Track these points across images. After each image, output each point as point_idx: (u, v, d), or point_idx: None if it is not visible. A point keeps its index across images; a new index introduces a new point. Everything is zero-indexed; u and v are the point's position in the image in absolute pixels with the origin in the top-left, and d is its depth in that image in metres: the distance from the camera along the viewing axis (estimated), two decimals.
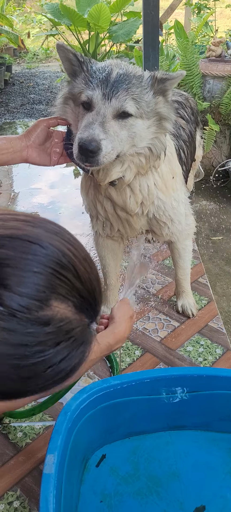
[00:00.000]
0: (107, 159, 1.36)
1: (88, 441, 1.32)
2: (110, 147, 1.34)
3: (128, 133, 1.40)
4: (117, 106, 1.37)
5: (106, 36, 7.40)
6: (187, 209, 1.84)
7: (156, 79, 1.43)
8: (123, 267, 2.32)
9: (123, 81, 1.39)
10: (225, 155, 4.08)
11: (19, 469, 1.40)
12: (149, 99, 1.43)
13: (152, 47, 3.20)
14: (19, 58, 11.07)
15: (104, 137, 1.33)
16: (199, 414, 1.40)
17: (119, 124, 1.38)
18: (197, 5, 6.42)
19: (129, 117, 1.39)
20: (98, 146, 1.31)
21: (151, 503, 1.24)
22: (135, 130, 1.41)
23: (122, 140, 1.40)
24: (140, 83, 1.42)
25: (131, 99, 1.38)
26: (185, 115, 1.96)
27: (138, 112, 1.40)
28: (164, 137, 1.49)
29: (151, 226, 1.75)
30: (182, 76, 1.45)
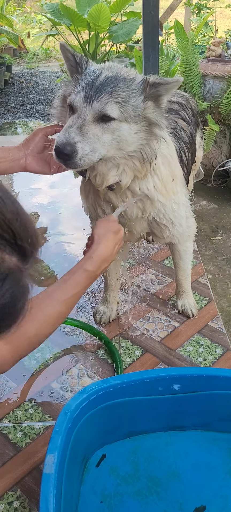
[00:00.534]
0: (86, 161, 1.36)
1: (88, 441, 1.32)
2: (88, 149, 1.34)
3: (111, 136, 1.38)
4: (97, 109, 1.36)
5: (106, 36, 7.41)
6: (187, 211, 1.83)
7: (147, 84, 1.40)
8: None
9: (108, 84, 1.38)
10: (225, 155, 4.09)
11: (19, 469, 1.40)
12: (137, 104, 1.40)
13: (152, 47, 3.19)
14: (19, 58, 11.08)
15: (80, 139, 1.33)
16: (199, 414, 1.40)
17: (101, 127, 1.37)
18: (197, 5, 6.42)
19: (111, 121, 1.37)
20: (73, 149, 1.32)
21: (151, 503, 1.24)
22: (120, 134, 1.39)
23: (105, 143, 1.38)
24: (127, 86, 1.40)
25: (113, 103, 1.37)
26: (186, 117, 1.96)
27: (122, 116, 1.38)
28: (154, 143, 1.45)
29: (152, 228, 1.75)
30: (179, 82, 1.41)
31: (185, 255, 1.93)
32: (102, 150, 1.39)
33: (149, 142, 1.44)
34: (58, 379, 1.71)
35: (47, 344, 1.87)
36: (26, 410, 1.58)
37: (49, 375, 1.73)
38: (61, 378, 1.71)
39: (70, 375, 1.72)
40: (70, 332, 1.94)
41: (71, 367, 1.76)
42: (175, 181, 1.69)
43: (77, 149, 1.32)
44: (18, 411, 1.58)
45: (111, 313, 2.00)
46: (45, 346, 1.86)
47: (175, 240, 1.84)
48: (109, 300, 2.00)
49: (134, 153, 1.44)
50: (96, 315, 2.00)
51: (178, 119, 1.88)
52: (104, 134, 1.38)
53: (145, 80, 1.41)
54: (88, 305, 2.11)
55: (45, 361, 1.79)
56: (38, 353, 1.82)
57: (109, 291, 1.99)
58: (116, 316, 2.01)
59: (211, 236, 3.11)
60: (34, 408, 1.59)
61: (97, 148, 1.37)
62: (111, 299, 2.01)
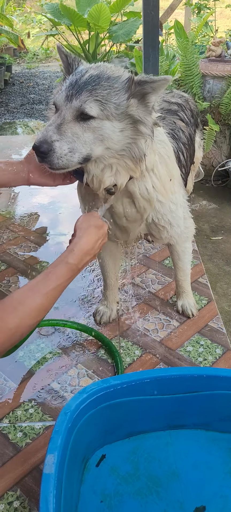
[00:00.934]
0: (64, 162, 1.34)
1: (88, 441, 1.32)
2: (66, 148, 1.33)
3: (93, 135, 1.37)
4: (76, 107, 1.35)
5: (106, 36, 7.41)
6: (185, 212, 1.83)
7: (132, 82, 1.38)
8: (122, 267, 2.32)
9: (90, 83, 1.37)
10: (225, 155, 4.08)
11: (19, 469, 1.40)
12: (119, 101, 1.38)
13: (152, 47, 3.20)
14: (19, 58, 11.08)
15: (58, 138, 1.32)
16: (199, 414, 1.40)
17: (81, 126, 1.36)
18: (197, 5, 6.42)
19: (91, 119, 1.35)
20: (49, 148, 1.31)
21: (151, 503, 1.24)
22: (102, 133, 1.37)
23: (86, 142, 1.36)
24: (110, 84, 1.39)
25: (93, 101, 1.35)
26: (185, 118, 1.95)
27: (103, 114, 1.36)
28: (142, 142, 1.43)
29: (150, 230, 1.75)
30: (166, 81, 1.37)
31: (183, 256, 1.93)
32: (84, 149, 1.37)
33: (136, 141, 1.41)
34: (58, 379, 1.71)
35: (47, 344, 1.87)
36: (26, 410, 1.58)
37: (49, 375, 1.73)
38: (61, 378, 1.71)
39: (70, 375, 1.72)
40: (70, 332, 1.94)
41: (71, 367, 1.76)
42: (173, 181, 1.69)
43: (54, 148, 1.32)
44: (18, 411, 1.58)
45: (112, 313, 2.00)
46: (45, 346, 1.86)
47: (173, 241, 1.84)
48: (109, 300, 2.00)
49: (124, 152, 1.42)
50: (97, 315, 2.00)
51: (177, 120, 1.88)
52: (85, 132, 1.36)
53: (130, 78, 1.39)
54: (89, 305, 2.11)
55: (45, 361, 1.79)
56: (38, 353, 1.83)
57: (109, 291, 1.99)
58: (116, 316, 2.01)
59: (211, 236, 3.11)
60: (34, 408, 1.59)
61: (78, 148, 1.35)
62: (111, 299, 2.01)
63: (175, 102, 1.95)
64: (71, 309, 2.08)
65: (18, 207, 3.14)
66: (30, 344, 1.87)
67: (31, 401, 1.62)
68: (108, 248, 1.88)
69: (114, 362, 1.76)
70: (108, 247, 1.88)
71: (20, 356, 1.82)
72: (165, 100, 1.92)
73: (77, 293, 2.18)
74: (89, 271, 2.36)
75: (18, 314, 1.23)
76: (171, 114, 1.87)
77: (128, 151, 1.42)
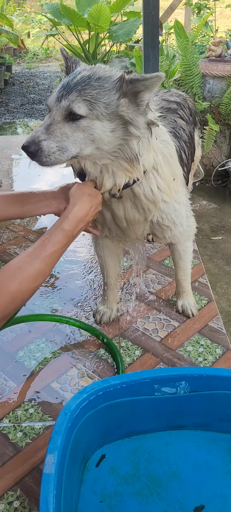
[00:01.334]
0: (52, 160, 1.37)
1: (88, 441, 1.32)
2: (54, 147, 1.35)
3: (83, 134, 1.38)
4: (64, 107, 1.36)
5: (106, 36, 7.40)
6: (187, 210, 1.83)
7: (123, 80, 1.38)
8: (122, 267, 2.32)
9: (80, 83, 1.38)
10: (225, 155, 4.08)
11: (19, 469, 1.40)
12: (109, 101, 1.38)
13: (152, 47, 3.20)
14: (19, 58, 11.08)
15: (46, 137, 1.35)
16: (199, 414, 1.40)
17: (70, 126, 1.37)
18: (197, 5, 6.42)
19: (80, 119, 1.36)
20: (37, 148, 1.35)
21: (151, 503, 1.24)
22: (92, 132, 1.38)
23: (76, 141, 1.38)
24: (101, 84, 1.39)
25: (81, 100, 1.36)
26: (185, 116, 1.95)
27: (92, 114, 1.37)
28: (134, 143, 1.42)
29: (153, 230, 1.75)
30: (159, 78, 1.36)
31: (184, 255, 1.93)
32: (74, 149, 1.38)
33: (128, 142, 1.41)
34: (58, 379, 1.71)
35: (47, 344, 1.87)
36: (26, 410, 1.58)
37: (49, 375, 1.73)
38: (61, 378, 1.71)
39: (70, 375, 1.72)
40: (70, 332, 1.94)
41: (71, 367, 1.76)
42: (176, 181, 1.69)
43: (42, 147, 1.35)
44: (18, 411, 1.58)
45: (112, 313, 2.00)
46: (45, 346, 1.86)
47: (175, 240, 1.84)
48: (109, 299, 2.00)
49: (117, 154, 1.42)
50: (97, 315, 2.00)
51: (177, 118, 1.88)
52: (75, 132, 1.37)
53: (121, 77, 1.38)
54: (88, 304, 2.11)
55: (45, 361, 1.79)
56: (38, 353, 1.83)
57: (109, 291, 1.99)
58: (116, 315, 2.01)
59: (211, 236, 3.11)
60: (34, 408, 1.59)
61: (67, 147, 1.37)
62: (111, 298, 2.01)
63: (173, 101, 1.95)
64: (72, 308, 2.08)
65: None
66: (30, 344, 1.87)
67: (31, 401, 1.62)
68: (109, 247, 1.88)
69: (115, 362, 1.76)
70: (109, 246, 1.88)
71: (20, 356, 1.82)
72: (164, 99, 1.92)
73: (76, 293, 2.18)
74: (89, 271, 2.36)
75: (18, 279, 1.27)
76: (171, 112, 1.87)
77: (120, 152, 1.42)
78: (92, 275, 2.32)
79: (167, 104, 1.90)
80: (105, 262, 1.92)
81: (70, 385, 1.68)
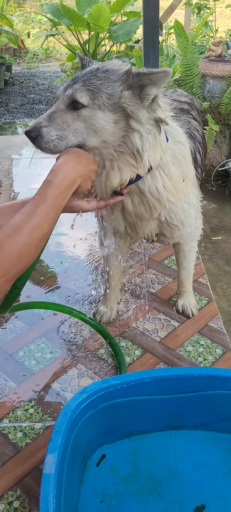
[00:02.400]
0: (51, 147, 1.40)
1: (88, 441, 1.32)
2: (54, 134, 1.39)
3: (84, 124, 1.39)
4: (68, 96, 1.39)
5: (106, 36, 7.41)
6: (197, 212, 1.83)
7: (130, 73, 1.38)
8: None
9: (87, 74, 1.41)
10: (225, 155, 4.08)
11: (19, 469, 1.40)
12: (112, 92, 1.38)
13: (152, 47, 3.20)
14: (19, 58, 11.08)
15: (47, 124, 1.39)
16: (199, 414, 1.40)
17: (71, 114, 1.39)
18: (197, 5, 6.42)
19: (82, 108, 1.38)
20: (37, 133, 1.39)
21: (151, 503, 1.24)
22: (94, 123, 1.39)
23: (77, 131, 1.40)
24: (107, 76, 1.40)
25: (84, 90, 1.38)
26: (196, 116, 1.95)
27: (94, 104, 1.38)
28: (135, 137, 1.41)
29: (162, 229, 1.75)
30: (166, 73, 1.35)
31: (189, 255, 1.93)
32: (74, 138, 1.40)
33: (129, 135, 1.41)
34: (58, 379, 1.71)
35: (47, 344, 1.87)
36: (26, 410, 1.58)
37: (49, 375, 1.73)
38: (61, 378, 1.71)
39: (70, 375, 1.72)
40: (70, 332, 1.94)
41: (71, 367, 1.76)
42: (186, 182, 1.68)
43: (41, 133, 1.39)
44: (18, 411, 1.58)
45: (112, 313, 2.00)
46: (45, 346, 1.86)
47: (182, 240, 1.84)
48: (110, 299, 2.00)
49: (122, 148, 1.43)
50: (97, 315, 2.00)
51: (191, 119, 1.87)
52: (76, 121, 1.39)
53: (127, 70, 1.39)
54: (88, 304, 2.11)
55: (45, 361, 1.79)
56: (38, 353, 1.83)
57: (111, 291, 1.99)
58: (116, 316, 2.01)
59: (211, 236, 3.11)
60: (34, 408, 1.59)
61: (66, 136, 1.40)
62: (112, 298, 2.00)
63: (184, 101, 1.94)
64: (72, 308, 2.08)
65: None
66: (30, 344, 1.87)
67: (31, 401, 1.62)
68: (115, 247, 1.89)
69: (117, 361, 1.75)
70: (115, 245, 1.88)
71: (20, 356, 1.82)
72: (175, 99, 1.91)
73: (77, 292, 2.18)
74: (90, 272, 2.36)
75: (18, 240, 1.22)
76: (185, 113, 1.87)
77: (125, 146, 1.43)
78: (93, 276, 2.32)
79: (179, 104, 1.89)
80: (110, 261, 1.92)
81: (70, 385, 1.68)
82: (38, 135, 1.39)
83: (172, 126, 1.63)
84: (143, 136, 1.42)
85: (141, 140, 1.42)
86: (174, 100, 1.89)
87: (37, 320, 2.01)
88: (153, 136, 1.45)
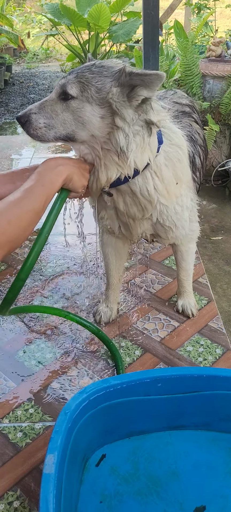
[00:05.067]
0: (38, 134, 1.44)
1: (88, 441, 1.32)
2: (42, 122, 1.43)
3: (72, 116, 1.41)
4: (60, 85, 1.43)
5: (106, 36, 7.41)
6: (192, 215, 1.82)
7: (123, 71, 1.38)
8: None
9: (82, 68, 1.45)
10: (225, 155, 4.09)
11: (19, 469, 1.40)
12: (102, 86, 1.39)
13: (152, 47, 3.20)
14: (19, 58, 11.08)
15: (36, 111, 1.44)
16: (199, 414, 1.40)
17: (61, 105, 1.43)
18: (197, 5, 6.42)
19: (71, 99, 1.41)
20: (26, 119, 1.43)
21: (151, 503, 1.24)
22: (82, 115, 1.40)
23: (65, 122, 1.42)
24: (100, 71, 1.42)
25: (76, 81, 1.41)
26: (198, 120, 1.95)
27: (83, 96, 1.39)
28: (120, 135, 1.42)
29: (156, 230, 1.75)
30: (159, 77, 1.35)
31: (187, 256, 1.93)
32: (62, 128, 1.43)
33: (114, 132, 1.42)
34: (58, 379, 1.71)
35: (47, 344, 1.87)
36: (26, 410, 1.58)
37: (49, 375, 1.73)
38: (61, 378, 1.71)
39: (70, 375, 1.72)
40: (70, 332, 1.94)
41: (71, 367, 1.76)
42: (180, 185, 1.67)
43: (30, 119, 1.43)
44: (18, 411, 1.58)
45: (112, 313, 2.00)
46: (45, 346, 1.86)
47: (178, 241, 1.84)
48: (110, 299, 2.00)
49: (108, 145, 1.44)
50: (96, 315, 2.00)
51: (192, 122, 1.87)
52: (64, 112, 1.42)
53: (121, 68, 1.40)
54: (89, 304, 2.11)
55: (45, 361, 1.79)
56: (38, 353, 1.83)
57: (111, 291, 1.99)
58: (116, 316, 2.01)
59: (211, 236, 3.12)
60: (34, 408, 1.59)
61: (54, 125, 1.43)
62: (112, 299, 2.00)
63: (186, 104, 1.94)
64: (72, 308, 2.08)
65: None
66: (30, 344, 1.87)
67: (31, 401, 1.62)
68: (114, 246, 1.89)
69: (115, 362, 1.76)
70: (114, 244, 1.88)
71: (20, 356, 1.82)
72: (176, 102, 1.90)
73: (77, 292, 2.18)
74: (90, 272, 2.36)
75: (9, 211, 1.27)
76: (186, 116, 1.86)
77: (110, 144, 1.44)
78: (93, 276, 2.33)
79: (181, 107, 1.88)
80: (109, 260, 1.92)
81: (70, 385, 1.68)
82: (27, 121, 1.43)
83: (170, 128, 1.63)
84: (129, 136, 1.42)
85: (125, 139, 1.42)
86: (176, 103, 1.89)
87: (37, 319, 2.01)
88: (141, 137, 1.44)
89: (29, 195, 1.32)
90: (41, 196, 1.35)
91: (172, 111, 1.78)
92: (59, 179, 1.40)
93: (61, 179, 1.40)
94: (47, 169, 1.39)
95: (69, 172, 1.42)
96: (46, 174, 1.38)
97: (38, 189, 1.34)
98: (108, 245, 1.89)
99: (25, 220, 1.31)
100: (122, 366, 1.72)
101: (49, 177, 1.38)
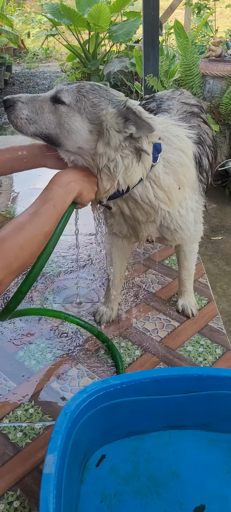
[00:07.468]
0: (18, 124, 1.43)
1: (88, 441, 1.32)
2: (25, 113, 1.42)
3: (58, 120, 1.41)
4: (57, 89, 1.43)
5: (106, 36, 7.41)
6: (197, 216, 1.82)
7: (125, 104, 1.39)
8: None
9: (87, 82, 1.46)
10: (225, 155, 4.09)
11: (19, 469, 1.40)
12: (98, 102, 1.41)
13: (152, 47, 3.20)
14: (19, 58, 11.08)
15: (24, 101, 1.43)
16: (199, 414, 1.40)
17: (50, 105, 1.43)
18: (197, 5, 6.43)
19: (61, 104, 1.41)
20: (11, 103, 1.42)
21: (151, 503, 1.24)
22: (70, 122, 1.40)
23: (50, 123, 1.42)
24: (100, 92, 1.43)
25: (72, 91, 1.41)
26: (207, 120, 1.93)
27: (75, 106, 1.40)
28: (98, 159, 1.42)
29: (162, 234, 1.75)
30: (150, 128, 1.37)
31: (190, 256, 1.94)
32: (44, 127, 1.43)
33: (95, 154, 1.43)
34: (58, 379, 1.71)
35: (47, 344, 1.87)
36: (26, 410, 1.58)
37: (49, 375, 1.73)
38: (61, 378, 1.71)
39: (70, 375, 1.72)
40: (70, 332, 1.94)
41: (71, 367, 1.76)
42: (183, 189, 1.66)
43: (15, 106, 1.42)
44: (18, 411, 1.58)
45: (112, 313, 2.00)
46: (45, 346, 1.86)
47: (182, 242, 1.85)
48: (110, 299, 2.00)
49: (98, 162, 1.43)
50: (96, 315, 2.00)
51: (201, 122, 1.86)
52: (51, 113, 1.42)
53: (124, 102, 1.41)
54: (89, 303, 2.11)
55: (45, 361, 1.79)
56: (38, 353, 1.83)
57: (112, 290, 1.99)
58: (116, 316, 2.01)
59: (211, 236, 3.12)
60: (34, 408, 1.59)
61: (37, 121, 1.43)
62: (113, 298, 2.00)
63: (194, 104, 1.94)
64: (72, 308, 2.08)
65: (18, 207, 3.14)
66: (30, 344, 1.87)
67: (31, 401, 1.62)
68: (118, 245, 1.89)
69: (114, 361, 1.76)
70: (119, 244, 1.88)
71: (20, 356, 1.82)
72: (184, 103, 1.90)
73: (76, 293, 2.18)
74: (90, 272, 2.37)
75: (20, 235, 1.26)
76: (195, 116, 1.86)
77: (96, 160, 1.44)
78: (92, 276, 2.33)
79: (189, 108, 1.88)
80: (112, 260, 1.93)
81: (70, 385, 1.68)
82: (11, 106, 1.42)
83: (171, 132, 1.62)
84: (116, 160, 1.42)
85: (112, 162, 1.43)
86: (184, 104, 1.88)
87: (37, 320, 2.01)
88: (130, 161, 1.45)
89: (41, 218, 1.31)
90: (52, 218, 1.34)
91: (179, 112, 1.77)
92: (71, 197, 1.39)
93: (72, 196, 1.40)
94: (60, 186, 1.38)
95: (80, 187, 1.42)
96: (58, 193, 1.37)
97: (49, 212, 1.33)
98: (112, 244, 1.90)
99: (36, 244, 1.31)
100: (122, 366, 1.72)
101: (61, 196, 1.37)
